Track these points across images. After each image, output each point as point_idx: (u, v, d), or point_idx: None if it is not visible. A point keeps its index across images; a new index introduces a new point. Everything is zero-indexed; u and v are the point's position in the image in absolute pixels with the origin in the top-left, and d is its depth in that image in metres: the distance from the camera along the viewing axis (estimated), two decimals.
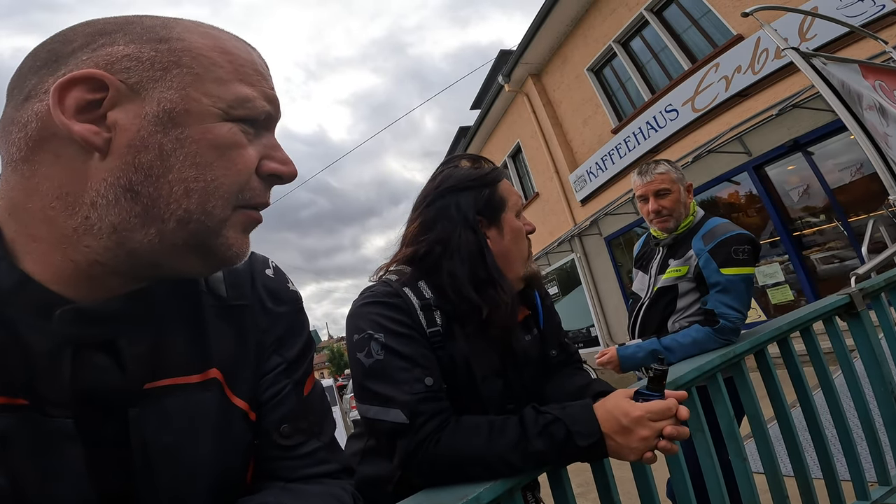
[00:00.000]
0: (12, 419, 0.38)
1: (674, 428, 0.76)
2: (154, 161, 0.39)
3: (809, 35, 5.03)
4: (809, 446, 1.33)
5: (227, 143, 0.41)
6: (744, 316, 1.44)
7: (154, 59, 0.39)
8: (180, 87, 0.40)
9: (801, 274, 5.73)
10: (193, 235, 0.41)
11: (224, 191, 0.41)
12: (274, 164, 0.45)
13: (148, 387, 0.43)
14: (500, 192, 0.96)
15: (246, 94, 0.43)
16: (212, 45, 0.42)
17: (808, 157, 5.56)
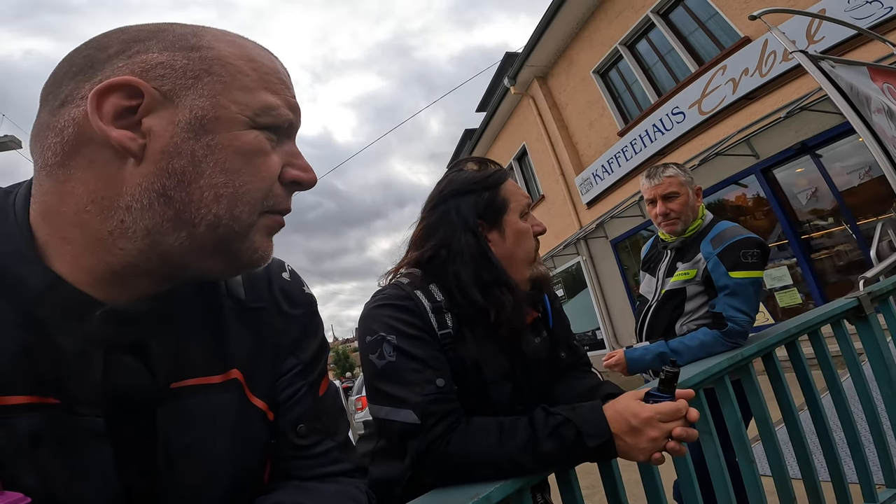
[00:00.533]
0: (43, 418, 0.38)
1: (683, 429, 0.77)
2: (186, 167, 0.40)
3: (818, 37, 5.00)
4: (817, 449, 1.33)
5: (254, 150, 0.42)
6: (752, 319, 1.44)
7: (186, 67, 0.40)
8: (211, 94, 0.41)
9: (810, 277, 5.69)
10: (222, 240, 0.42)
11: (251, 196, 0.42)
12: (295, 172, 0.46)
13: (174, 386, 0.44)
14: (502, 194, 0.96)
15: (271, 103, 0.44)
16: (239, 54, 0.43)
17: (817, 160, 5.53)
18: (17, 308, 0.38)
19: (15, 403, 0.37)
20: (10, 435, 0.36)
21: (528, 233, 0.96)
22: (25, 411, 0.37)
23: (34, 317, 0.39)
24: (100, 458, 0.40)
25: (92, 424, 0.40)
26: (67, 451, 0.39)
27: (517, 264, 0.95)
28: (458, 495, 0.74)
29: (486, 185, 0.95)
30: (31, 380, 0.38)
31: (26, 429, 0.37)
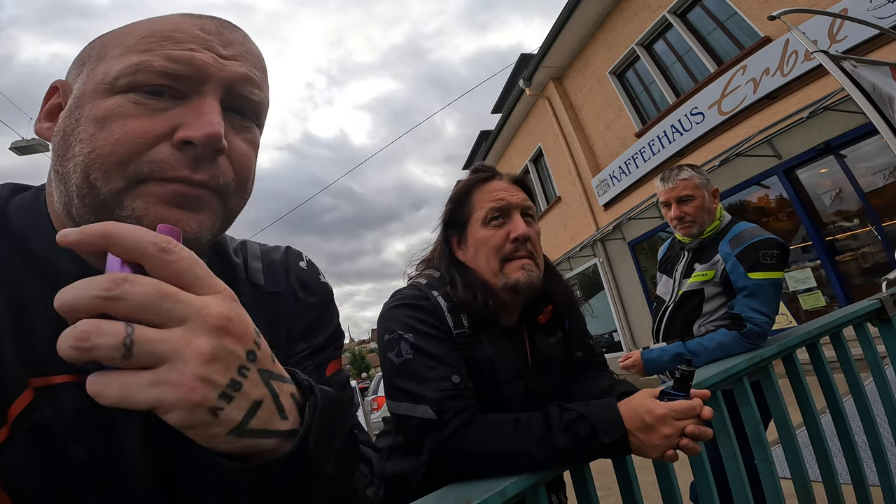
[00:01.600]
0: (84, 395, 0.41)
1: (696, 427, 0.77)
2: (60, 143, 0.42)
3: (840, 37, 4.90)
4: (838, 452, 1.32)
5: (109, 115, 0.40)
6: (771, 320, 1.43)
7: (82, 57, 0.45)
8: (86, 74, 0.43)
9: (834, 279, 5.57)
10: (92, 210, 0.40)
11: (102, 161, 0.39)
12: (185, 130, 0.40)
13: None
14: (469, 204, 0.99)
15: (132, 62, 0.40)
16: (127, 30, 0.44)
17: (841, 160, 5.41)
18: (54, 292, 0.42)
19: (59, 382, 0.39)
20: (58, 412, 0.39)
21: (488, 240, 0.95)
22: (68, 389, 0.39)
23: None
24: (131, 433, 0.42)
25: None
26: (105, 425, 0.41)
27: (483, 273, 0.95)
28: (473, 489, 0.76)
29: (452, 199, 1.02)
30: None
31: (70, 406, 0.39)
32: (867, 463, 1.32)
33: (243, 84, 0.44)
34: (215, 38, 0.43)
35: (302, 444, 0.34)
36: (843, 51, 4.65)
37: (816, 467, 1.28)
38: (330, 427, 0.38)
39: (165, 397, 0.28)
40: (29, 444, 0.37)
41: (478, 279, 0.95)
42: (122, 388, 0.27)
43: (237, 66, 0.43)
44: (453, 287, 0.94)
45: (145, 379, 0.28)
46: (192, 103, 0.41)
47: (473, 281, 0.94)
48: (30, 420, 0.37)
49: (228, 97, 0.43)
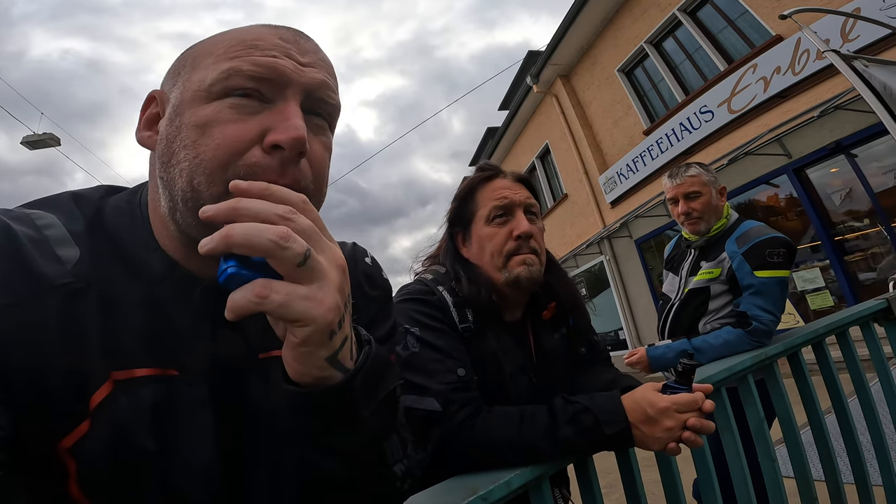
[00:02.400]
0: (164, 388, 0.42)
1: (697, 420, 0.79)
2: (165, 150, 0.44)
3: (852, 36, 4.85)
4: (842, 451, 1.32)
5: (209, 121, 0.42)
6: (777, 319, 1.43)
7: (174, 67, 0.48)
8: (182, 83, 0.46)
9: (843, 280, 5.53)
10: (194, 215, 0.42)
11: (206, 166, 0.41)
12: (273, 135, 0.42)
13: (262, 357, 0.48)
14: (474, 201, 1.01)
15: (224, 69, 0.43)
16: (215, 40, 0.47)
17: (852, 160, 5.36)
18: (143, 290, 0.44)
19: (141, 375, 0.41)
20: (135, 403, 0.40)
21: (492, 237, 0.97)
22: (150, 382, 0.41)
23: (156, 297, 0.44)
24: (204, 423, 0.44)
25: (200, 392, 0.44)
26: (179, 417, 0.42)
27: (487, 269, 0.98)
28: (479, 480, 0.77)
29: (456, 198, 1.04)
30: (154, 353, 0.42)
31: (150, 398, 0.41)
32: (870, 463, 1.33)
33: (321, 89, 0.46)
34: (293, 47, 0.46)
35: (351, 379, 0.39)
36: (855, 50, 4.60)
37: (819, 466, 1.29)
38: (376, 375, 0.42)
39: (311, 312, 0.34)
40: (104, 435, 0.38)
41: (482, 275, 0.97)
42: (287, 295, 0.33)
43: (314, 73, 0.46)
44: (458, 283, 0.96)
45: (302, 292, 0.34)
46: (277, 108, 0.44)
47: (478, 277, 0.97)
48: (107, 412, 0.39)
49: (307, 101, 0.46)
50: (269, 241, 0.32)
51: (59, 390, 0.38)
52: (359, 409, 0.40)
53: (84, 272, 0.41)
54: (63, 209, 0.46)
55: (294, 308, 0.33)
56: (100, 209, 0.47)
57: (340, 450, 0.42)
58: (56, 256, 0.41)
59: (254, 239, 0.32)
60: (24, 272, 0.39)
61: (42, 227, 0.42)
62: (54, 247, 0.41)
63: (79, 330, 0.39)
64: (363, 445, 0.43)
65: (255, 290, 0.32)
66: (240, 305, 0.32)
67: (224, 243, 0.31)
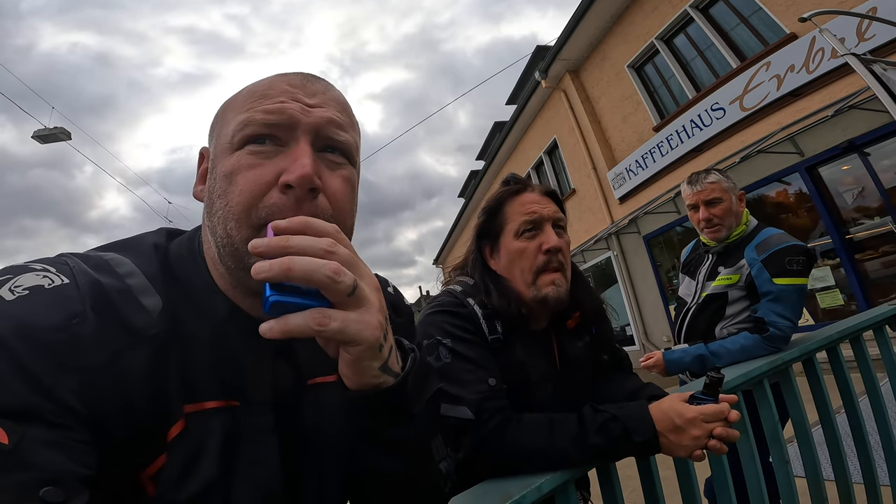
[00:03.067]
0: (229, 418, 0.45)
1: (724, 429, 0.83)
2: (207, 201, 0.49)
3: (868, 35, 4.79)
4: (851, 452, 1.35)
5: (233, 170, 0.46)
6: (794, 325, 1.45)
7: (213, 124, 0.52)
8: (215, 139, 0.50)
9: (853, 278, 5.52)
10: (234, 258, 0.46)
11: (235, 212, 0.46)
12: (284, 176, 0.46)
13: (310, 383, 0.53)
14: (502, 215, 1.03)
15: (240, 120, 0.48)
16: (235, 97, 0.51)
17: (864, 158, 5.33)
18: (210, 330, 0.47)
19: (210, 407, 0.45)
20: (207, 433, 0.44)
21: (523, 252, 0.99)
22: (217, 414, 0.45)
23: (221, 336, 0.47)
24: (270, 448, 0.48)
25: (266, 420, 0.48)
26: (246, 444, 0.46)
27: (516, 284, 1.00)
28: (510, 485, 0.80)
29: (485, 211, 1.07)
30: (220, 386, 0.46)
31: (219, 428, 0.44)
32: (879, 463, 1.36)
33: (328, 126, 0.49)
34: (300, 91, 0.49)
35: (404, 380, 0.44)
36: (871, 49, 4.56)
37: (829, 466, 1.32)
38: (422, 377, 0.48)
39: (363, 334, 0.39)
40: (178, 464, 0.42)
41: (511, 289, 0.99)
42: (343, 321, 0.38)
43: (322, 112, 0.49)
44: (488, 295, 0.98)
45: (353, 317, 0.39)
46: (290, 150, 0.47)
47: (507, 291, 0.99)
48: (182, 443, 0.42)
49: (318, 139, 0.49)
50: (325, 277, 0.36)
51: (145, 428, 0.41)
52: (411, 407, 0.46)
53: (167, 319, 0.44)
54: (139, 253, 0.49)
55: (348, 332, 0.38)
56: (167, 256, 0.51)
57: (395, 445, 0.47)
58: (142, 306, 0.43)
59: (313, 274, 0.36)
60: (118, 326, 0.41)
61: (124, 275, 0.45)
62: (138, 296, 0.44)
63: (164, 374, 0.43)
64: (415, 439, 0.48)
65: (315, 318, 0.37)
66: (298, 329, 0.36)
67: (284, 274, 0.35)
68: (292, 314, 0.37)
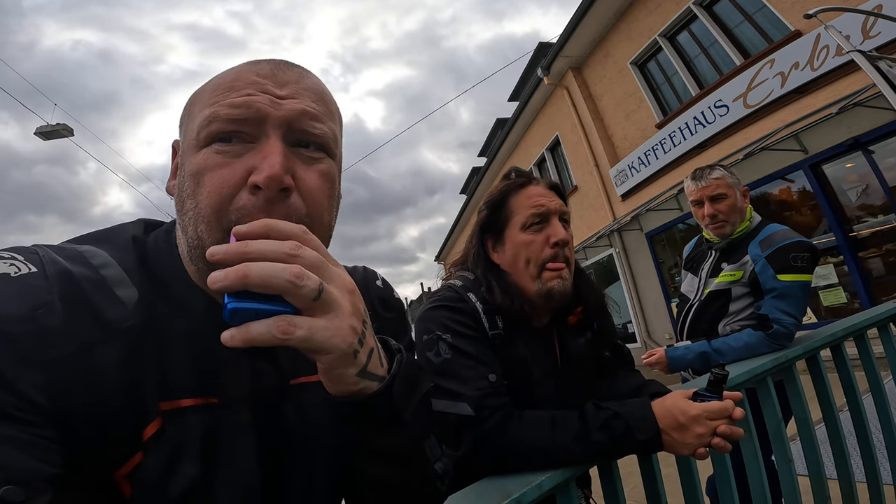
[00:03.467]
0: (207, 416, 0.44)
1: (728, 427, 0.82)
2: (178, 199, 0.47)
3: (873, 33, 4.75)
4: (854, 450, 1.34)
5: (200, 169, 0.44)
6: (799, 322, 1.43)
7: (181, 118, 0.49)
8: (184, 133, 0.48)
9: (856, 276, 5.50)
10: (203, 260, 0.43)
11: (204, 215, 0.43)
12: (252, 176, 0.43)
13: (293, 383, 0.51)
14: (508, 208, 1.02)
15: (205, 115, 0.44)
16: (204, 87, 0.48)
17: (868, 156, 5.30)
18: (186, 325, 0.45)
19: (186, 405, 0.43)
20: (182, 432, 0.42)
21: (530, 244, 0.97)
22: (195, 411, 0.43)
23: (199, 331, 0.45)
24: (248, 446, 0.46)
25: (243, 418, 0.46)
26: (224, 442, 0.44)
27: (519, 277, 0.98)
28: (511, 483, 0.79)
29: (489, 203, 1.05)
30: (197, 384, 0.44)
31: (198, 426, 0.43)
32: (882, 462, 1.35)
33: (301, 119, 0.46)
34: (270, 81, 0.46)
35: (389, 385, 0.42)
36: (877, 46, 4.52)
37: (833, 464, 1.31)
38: (411, 379, 0.45)
39: (332, 341, 0.36)
40: (157, 462, 0.40)
41: (513, 283, 0.98)
42: (309, 329, 0.35)
43: (293, 104, 0.45)
44: (490, 292, 0.97)
45: (321, 324, 0.36)
46: (260, 146, 0.44)
47: (510, 286, 0.98)
48: (159, 441, 0.41)
49: (290, 133, 0.45)
50: (285, 282, 0.33)
51: (117, 426, 0.39)
52: (400, 412, 0.43)
53: (143, 312, 0.43)
54: (116, 245, 0.47)
55: (316, 340, 0.35)
56: (144, 246, 0.49)
57: (387, 452, 0.45)
58: (116, 298, 0.42)
59: (271, 280, 0.33)
60: (90, 318, 0.39)
61: (98, 266, 0.43)
62: (113, 288, 0.42)
63: (139, 369, 0.41)
64: (407, 446, 0.46)
65: (279, 326, 0.34)
66: (261, 338, 0.34)
67: (241, 282, 0.33)
68: (255, 322, 0.34)
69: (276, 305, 0.35)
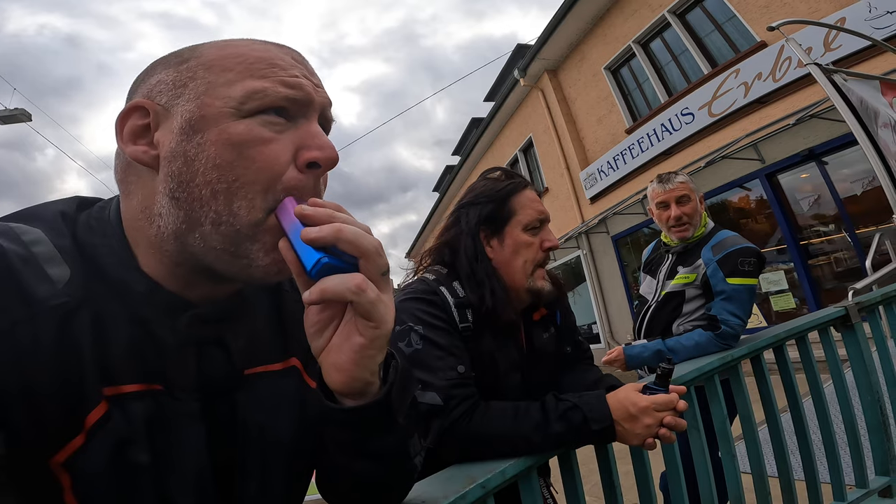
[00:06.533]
0: (153, 403, 0.43)
1: (672, 418, 0.87)
2: (182, 168, 0.42)
3: (835, 45, 4.98)
4: (795, 449, 1.40)
5: (246, 140, 0.42)
6: (744, 323, 1.51)
7: (176, 79, 0.44)
8: (196, 97, 0.43)
9: (805, 283, 5.78)
10: (228, 239, 0.42)
11: (248, 190, 0.41)
12: (310, 153, 0.43)
13: (247, 373, 0.50)
14: (510, 206, 1.04)
15: (255, 87, 0.43)
16: (224, 54, 0.45)
17: (822, 167, 5.57)
18: (126, 308, 0.43)
19: (129, 391, 0.42)
20: (128, 419, 0.41)
21: (529, 245, 1.03)
22: (138, 398, 0.42)
23: (140, 315, 0.43)
24: (196, 436, 0.45)
25: (190, 408, 0.45)
26: (171, 431, 0.43)
27: (513, 272, 1.02)
28: (477, 469, 0.82)
29: (493, 198, 1.05)
30: (140, 370, 0.43)
31: (140, 413, 0.42)
32: (820, 461, 1.41)
33: (329, 108, 0.48)
34: (304, 68, 0.47)
35: (388, 392, 0.44)
36: (837, 59, 4.74)
37: (774, 463, 1.36)
38: (405, 384, 0.48)
39: (387, 316, 0.41)
40: (100, 451, 0.39)
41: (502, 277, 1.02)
42: (377, 296, 0.39)
43: (325, 93, 0.48)
44: (477, 286, 0.99)
45: (386, 296, 0.41)
46: (302, 127, 0.45)
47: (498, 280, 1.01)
48: (103, 428, 0.39)
49: (320, 120, 0.47)
50: (372, 247, 0.38)
51: (52, 409, 0.37)
52: (396, 418, 0.45)
53: (75, 291, 0.41)
54: (48, 223, 0.44)
55: (378, 308, 0.39)
56: (74, 224, 0.46)
57: (375, 452, 0.47)
58: (47, 276, 0.40)
59: (360, 240, 0.38)
60: (17, 294, 0.38)
61: (29, 243, 0.41)
62: (44, 265, 0.40)
63: (73, 350, 0.39)
64: (396, 446, 0.48)
65: (356, 282, 0.38)
66: (334, 291, 0.38)
67: (334, 236, 0.37)
68: (330, 277, 0.38)
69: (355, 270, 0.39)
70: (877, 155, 2.13)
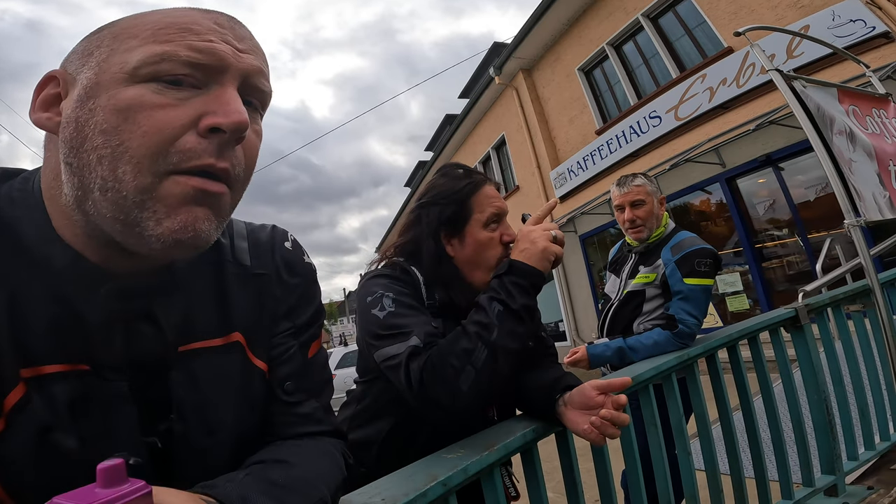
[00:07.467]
0: (76, 384, 0.42)
1: (609, 411, 0.85)
2: (73, 134, 0.41)
3: (797, 52, 5.17)
4: (746, 447, 1.44)
5: (133, 106, 0.40)
6: (700, 323, 1.54)
7: (85, 48, 0.44)
8: (96, 64, 0.42)
9: (759, 285, 6.01)
10: (117, 206, 0.40)
11: (132, 155, 0.39)
12: (212, 118, 0.41)
13: (182, 350, 0.48)
14: (469, 205, 1.05)
15: (154, 52, 0.41)
16: (136, 22, 0.44)
17: (778, 173, 5.79)
18: (46, 285, 0.42)
19: (51, 372, 0.40)
20: (50, 401, 0.40)
21: (489, 242, 1.04)
22: (60, 379, 0.41)
23: (61, 292, 0.42)
24: (126, 418, 0.44)
25: (118, 388, 0.44)
26: (99, 413, 0.42)
27: (476, 269, 1.04)
28: (439, 467, 0.82)
29: (452, 200, 1.05)
30: (62, 350, 0.41)
31: (64, 395, 0.40)
32: (770, 459, 1.45)
33: (257, 76, 0.46)
34: (230, 32, 0.45)
35: None
36: (798, 66, 4.92)
37: (727, 461, 1.39)
38: None
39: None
40: (23, 435, 0.38)
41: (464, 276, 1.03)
42: None
43: (251, 59, 0.45)
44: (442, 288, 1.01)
45: None
46: (213, 93, 0.42)
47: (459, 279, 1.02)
48: (24, 411, 0.38)
49: (243, 87, 0.45)
50: None
51: None
52: None
53: None
54: None
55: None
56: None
57: None
58: None
59: None
60: None
61: None
62: None
63: None
64: None
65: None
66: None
67: None
68: None
69: None
70: (831, 161, 2.18)
